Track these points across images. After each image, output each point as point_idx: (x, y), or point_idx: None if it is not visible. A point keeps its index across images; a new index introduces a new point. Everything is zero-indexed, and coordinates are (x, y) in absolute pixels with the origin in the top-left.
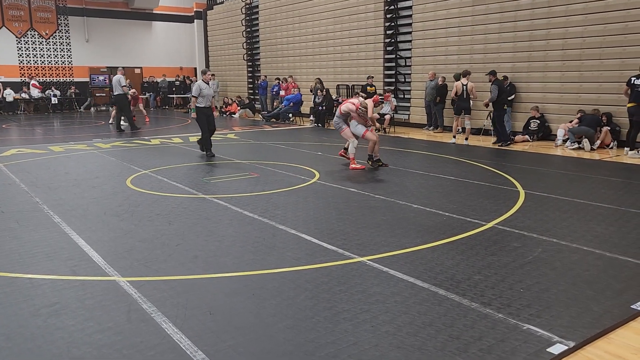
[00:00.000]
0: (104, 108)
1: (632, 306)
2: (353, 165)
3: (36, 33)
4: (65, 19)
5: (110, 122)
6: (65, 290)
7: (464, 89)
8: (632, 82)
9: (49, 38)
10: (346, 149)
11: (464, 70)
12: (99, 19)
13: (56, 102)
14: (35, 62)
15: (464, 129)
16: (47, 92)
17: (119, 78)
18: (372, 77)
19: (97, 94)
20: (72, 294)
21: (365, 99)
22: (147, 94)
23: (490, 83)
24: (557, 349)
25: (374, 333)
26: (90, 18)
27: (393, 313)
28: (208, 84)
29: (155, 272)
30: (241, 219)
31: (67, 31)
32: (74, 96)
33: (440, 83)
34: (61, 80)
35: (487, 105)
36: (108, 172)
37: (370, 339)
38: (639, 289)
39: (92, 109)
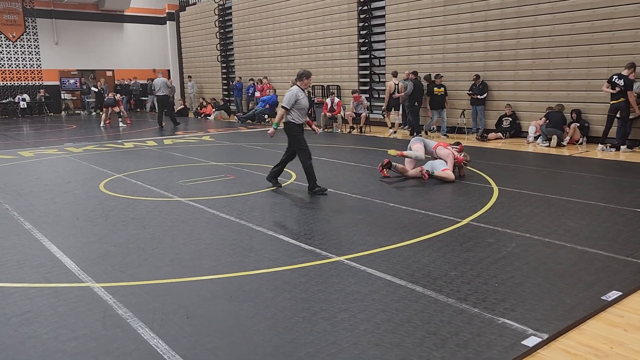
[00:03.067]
0: (77, 112)
1: (602, 297)
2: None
3: (2, 36)
4: (33, 21)
5: (101, 125)
6: (37, 298)
7: (396, 88)
8: (613, 80)
9: (16, 41)
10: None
11: (394, 71)
12: (68, 21)
13: (25, 106)
14: (2, 65)
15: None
16: (17, 97)
17: (164, 80)
18: (442, 76)
19: (67, 98)
20: (45, 302)
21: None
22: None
23: (410, 80)
24: (531, 341)
25: (353, 331)
26: (59, 20)
27: (371, 311)
28: (304, 91)
29: (131, 277)
30: (218, 221)
31: (35, 34)
32: (43, 100)
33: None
34: (30, 84)
35: (398, 98)
36: (80, 176)
37: (349, 337)
38: (608, 280)
39: (62, 112)
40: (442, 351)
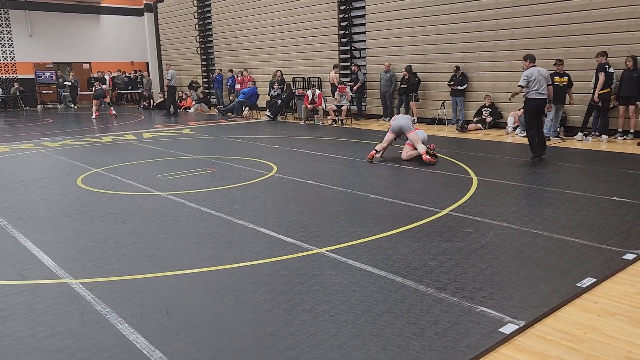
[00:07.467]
0: (50, 105)
1: (577, 284)
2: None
3: None
4: (6, 12)
5: (92, 117)
6: (12, 295)
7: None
8: (607, 69)
9: None
10: (377, 151)
11: (334, 64)
12: (43, 13)
13: None
14: None
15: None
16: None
17: (173, 72)
18: (562, 62)
19: (43, 91)
20: (21, 299)
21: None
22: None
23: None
24: (508, 328)
25: (333, 323)
26: (33, 12)
27: (351, 302)
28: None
29: (110, 272)
30: (198, 215)
31: (8, 25)
32: (18, 93)
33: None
34: (3, 77)
35: (352, 88)
36: (57, 171)
37: (330, 328)
38: (583, 267)
39: (38, 106)
40: (421, 340)
